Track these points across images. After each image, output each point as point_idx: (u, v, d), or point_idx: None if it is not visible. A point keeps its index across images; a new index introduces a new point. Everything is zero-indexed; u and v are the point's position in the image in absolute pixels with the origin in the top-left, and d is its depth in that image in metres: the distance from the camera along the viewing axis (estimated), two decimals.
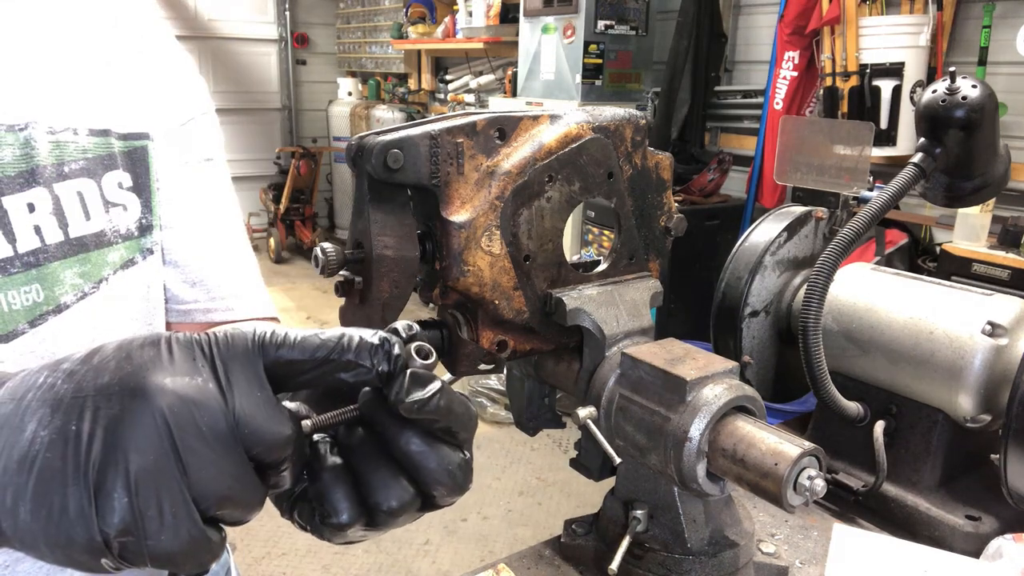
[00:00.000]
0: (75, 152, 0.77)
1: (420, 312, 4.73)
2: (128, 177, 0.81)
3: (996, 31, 3.37)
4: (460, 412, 0.51)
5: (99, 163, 0.79)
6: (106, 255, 0.79)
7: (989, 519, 1.11)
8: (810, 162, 3.54)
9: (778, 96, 4.05)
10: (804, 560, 1.06)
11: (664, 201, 1.03)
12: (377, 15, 7.79)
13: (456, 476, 0.51)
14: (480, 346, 0.92)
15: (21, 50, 0.75)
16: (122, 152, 0.81)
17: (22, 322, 0.73)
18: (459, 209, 0.86)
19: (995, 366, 1.10)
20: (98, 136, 0.79)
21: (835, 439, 1.26)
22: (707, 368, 0.86)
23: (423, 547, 3.29)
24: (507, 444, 4.14)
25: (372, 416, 0.51)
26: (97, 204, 0.78)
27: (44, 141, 0.74)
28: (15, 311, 0.72)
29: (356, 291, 0.86)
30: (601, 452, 0.90)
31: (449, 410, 0.50)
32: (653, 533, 0.92)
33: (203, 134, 0.92)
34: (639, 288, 1.01)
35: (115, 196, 0.80)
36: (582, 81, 4.52)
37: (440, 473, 0.51)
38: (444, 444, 0.51)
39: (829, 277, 1.10)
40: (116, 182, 0.80)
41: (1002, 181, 1.21)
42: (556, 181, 0.91)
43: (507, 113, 0.89)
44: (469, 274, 0.87)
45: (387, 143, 0.80)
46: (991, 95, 1.12)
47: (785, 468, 0.76)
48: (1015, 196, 3.35)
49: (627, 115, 0.97)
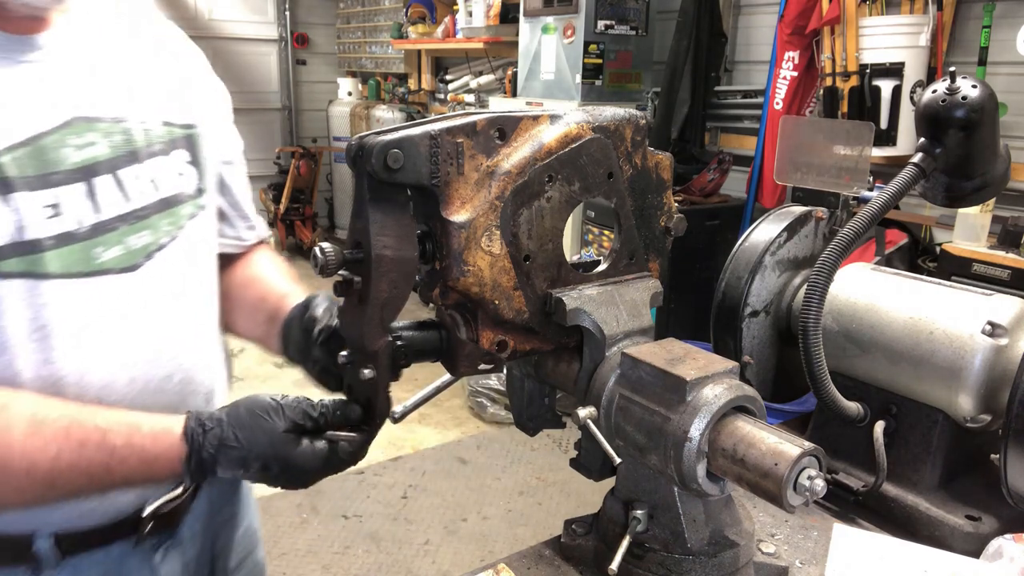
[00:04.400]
0: (155, 137, 1.06)
1: (420, 312, 4.73)
2: (187, 155, 1.11)
3: (996, 31, 3.36)
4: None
5: (170, 145, 1.08)
6: (181, 210, 1.09)
7: (989, 519, 1.11)
8: (810, 162, 3.54)
9: (778, 96, 4.05)
10: (804, 560, 1.06)
11: (664, 201, 1.03)
12: (377, 15, 7.78)
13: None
14: (479, 346, 0.92)
15: (116, 67, 1.04)
16: (181, 137, 1.10)
17: (140, 257, 1.02)
18: (459, 209, 0.86)
19: (995, 366, 1.10)
20: (167, 126, 1.08)
21: (835, 439, 1.26)
22: (707, 368, 0.86)
23: (423, 547, 3.29)
24: (507, 444, 4.14)
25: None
26: (172, 173, 1.08)
27: (138, 130, 1.03)
28: (135, 250, 1.01)
29: (355, 291, 0.86)
30: (601, 452, 0.90)
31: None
32: (653, 533, 0.92)
33: (229, 140, 1.24)
34: (639, 288, 1.01)
35: (182, 168, 1.10)
36: (582, 81, 4.52)
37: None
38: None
39: (829, 277, 1.10)
40: (180, 158, 1.10)
41: (1002, 181, 1.21)
42: (556, 181, 0.91)
43: (507, 113, 0.89)
44: (469, 274, 0.87)
45: (387, 143, 0.80)
46: (991, 95, 1.12)
47: (785, 468, 0.76)
48: (1015, 196, 3.35)
49: (627, 115, 0.97)
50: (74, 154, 0.95)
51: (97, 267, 0.96)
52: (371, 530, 3.39)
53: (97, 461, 0.88)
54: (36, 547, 0.98)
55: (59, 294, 0.93)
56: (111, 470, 0.89)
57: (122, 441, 0.89)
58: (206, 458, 0.90)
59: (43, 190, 0.92)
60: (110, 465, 0.89)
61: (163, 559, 1.12)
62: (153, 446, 0.90)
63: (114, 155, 1.00)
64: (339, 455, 0.93)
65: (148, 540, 1.09)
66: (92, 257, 0.96)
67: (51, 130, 0.94)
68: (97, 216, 0.97)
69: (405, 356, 0.92)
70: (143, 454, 0.90)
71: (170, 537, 1.13)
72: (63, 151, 0.94)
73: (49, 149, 0.93)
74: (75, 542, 1.01)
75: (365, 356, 0.89)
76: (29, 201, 0.91)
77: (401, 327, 0.92)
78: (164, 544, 1.12)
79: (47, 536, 0.98)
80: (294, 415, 0.92)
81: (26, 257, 0.90)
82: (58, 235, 0.93)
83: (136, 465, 0.90)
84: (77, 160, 0.95)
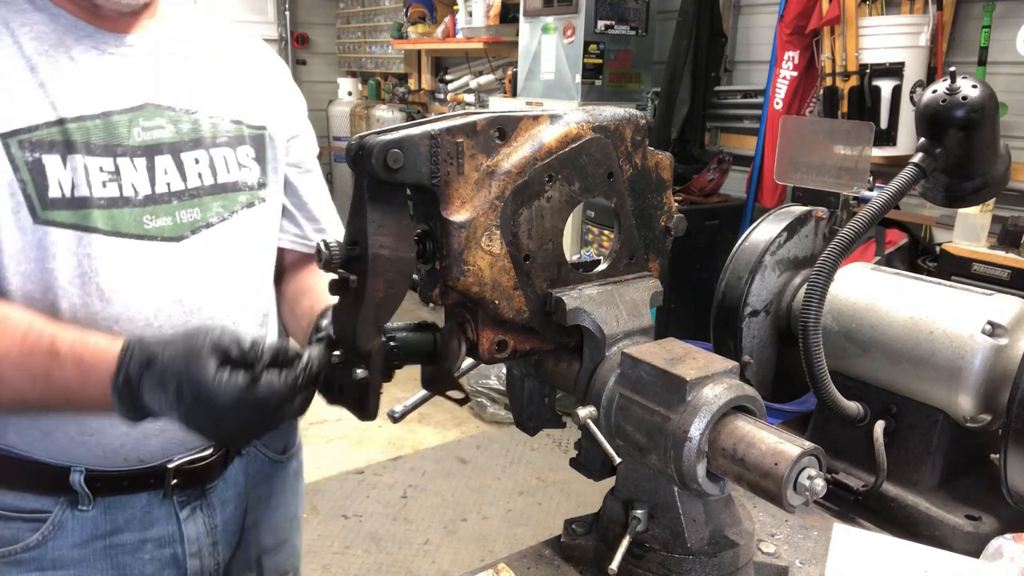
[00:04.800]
0: (222, 131, 1.19)
1: (420, 312, 4.73)
2: (253, 151, 1.23)
3: (996, 31, 3.36)
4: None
5: (236, 140, 1.21)
6: (237, 197, 1.20)
7: (989, 519, 1.11)
8: (810, 162, 3.54)
9: (778, 96, 4.05)
10: (804, 560, 1.06)
11: (664, 201, 1.03)
12: (377, 15, 7.78)
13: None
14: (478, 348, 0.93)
15: (196, 69, 1.18)
16: (250, 135, 1.23)
17: (187, 231, 1.13)
18: (459, 209, 0.86)
19: (995, 366, 1.10)
20: (236, 124, 1.21)
21: (835, 439, 1.26)
22: (707, 368, 0.86)
23: (423, 547, 3.29)
24: (507, 444, 4.14)
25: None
26: (234, 164, 1.20)
27: (206, 122, 1.17)
28: (184, 223, 1.13)
29: (351, 290, 0.86)
30: (601, 452, 0.90)
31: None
32: (653, 533, 0.92)
33: (302, 148, 1.34)
34: (639, 288, 1.01)
35: (245, 161, 1.22)
36: (582, 81, 4.52)
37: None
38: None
39: (829, 277, 1.10)
40: (245, 153, 1.22)
41: (1002, 181, 1.21)
42: (556, 181, 0.91)
43: (507, 113, 0.89)
44: (469, 274, 0.87)
45: (387, 143, 0.80)
46: (991, 95, 1.12)
47: (785, 468, 0.76)
48: (1015, 196, 3.35)
49: (627, 115, 0.97)
50: (141, 133, 1.10)
51: (144, 231, 1.09)
52: (371, 530, 3.39)
53: (40, 364, 0.94)
54: (72, 479, 1.11)
55: (104, 248, 1.05)
56: (50, 376, 0.94)
57: (66, 348, 0.94)
58: (131, 375, 0.89)
59: (106, 157, 1.06)
60: (50, 371, 0.94)
61: (189, 516, 1.22)
62: (91, 357, 0.92)
63: (178, 139, 1.13)
64: (260, 393, 0.85)
65: (175, 495, 1.19)
66: (141, 222, 1.09)
67: (123, 110, 1.09)
68: (152, 188, 1.10)
69: (398, 357, 0.92)
70: (80, 364, 0.93)
71: (198, 498, 1.23)
72: (132, 129, 1.09)
73: (118, 125, 1.08)
74: (105, 483, 1.13)
75: (358, 356, 0.88)
76: (89, 165, 1.04)
77: (395, 328, 0.92)
78: (192, 503, 1.22)
79: (80, 470, 1.11)
80: (223, 343, 0.88)
81: (77, 212, 1.04)
82: (112, 198, 1.06)
83: (72, 375, 0.93)
84: (144, 139, 1.10)
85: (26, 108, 1.02)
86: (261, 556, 1.37)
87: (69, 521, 1.13)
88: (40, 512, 1.12)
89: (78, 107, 1.05)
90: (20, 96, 1.02)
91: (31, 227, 1.01)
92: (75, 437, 1.10)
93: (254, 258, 1.24)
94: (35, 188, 1.01)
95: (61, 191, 1.02)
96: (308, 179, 1.36)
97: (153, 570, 1.21)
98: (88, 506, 1.13)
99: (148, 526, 1.18)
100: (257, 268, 1.25)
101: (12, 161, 1.00)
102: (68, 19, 1.07)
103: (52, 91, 1.03)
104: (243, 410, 0.85)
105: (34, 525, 1.12)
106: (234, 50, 1.27)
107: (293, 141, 1.32)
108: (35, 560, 1.13)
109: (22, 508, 1.12)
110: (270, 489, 1.37)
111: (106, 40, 1.09)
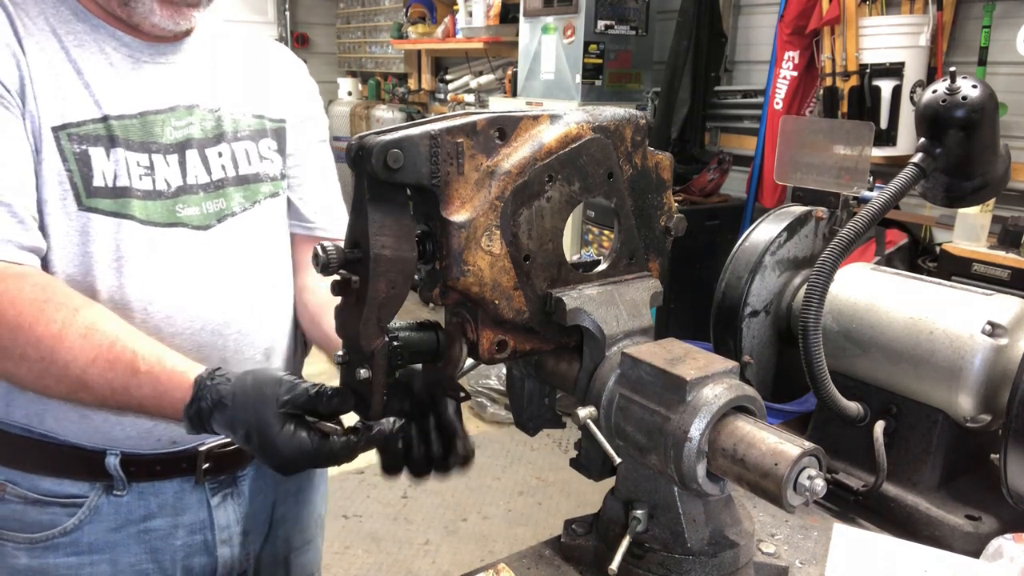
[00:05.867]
0: (244, 126, 1.27)
1: (420, 312, 4.73)
2: (275, 144, 1.31)
3: (996, 31, 3.36)
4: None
5: (258, 133, 1.29)
6: (259, 188, 1.28)
7: (989, 519, 1.11)
8: (810, 162, 3.54)
9: (778, 96, 4.04)
10: (804, 560, 1.06)
11: (664, 201, 1.03)
12: (377, 15, 7.78)
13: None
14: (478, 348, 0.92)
15: (223, 72, 1.27)
16: (271, 128, 1.31)
17: (213, 220, 1.21)
18: (459, 209, 0.86)
19: (995, 366, 1.10)
20: (257, 118, 1.30)
21: (835, 439, 1.26)
22: (707, 368, 0.86)
23: (423, 547, 3.29)
24: (507, 444, 4.14)
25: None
26: (255, 157, 1.28)
27: (228, 118, 1.25)
28: (209, 213, 1.20)
29: (353, 290, 0.86)
30: (601, 452, 0.90)
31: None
32: (653, 533, 0.92)
33: (316, 125, 1.41)
34: (639, 288, 1.01)
35: (267, 154, 1.30)
36: (582, 81, 4.52)
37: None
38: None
39: (829, 277, 1.10)
40: (267, 146, 1.30)
41: (1002, 181, 1.21)
42: (556, 181, 0.91)
43: (507, 113, 0.89)
44: (469, 274, 0.87)
45: (387, 143, 0.80)
46: (991, 95, 1.12)
47: (785, 468, 0.76)
48: (1015, 196, 3.35)
49: (627, 115, 0.97)
50: (174, 132, 1.18)
51: (175, 220, 1.17)
52: (371, 530, 3.39)
53: (121, 378, 0.99)
54: (107, 463, 1.16)
55: (139, 235, 1.13)
56: (129, 390, 0.99)
57: (145, 368, 0.99)
58: (203, 409, 0.95)
59: (142, 153, 1.15)
60: (130, 386, 0.99)
61: (220, 504, 1.27)
62: (167, 381, 0.98)
63: (204, 136, 1.22)
64: (321, 449, 0.92)
65: (207, 481, 1.24)
66: (173, 212, 1.17)
67: (158, 111, 1.18)
68: (182, 181, 1.18)
69: (401, 357, 0.92)
70: (157, 386, 0.98)
71: (229, 486, 1.28)
72: (165, 128, 1.18)
73: (154, 124, 1.17)
74: (139, 468, 1.18)
75: (361, 356, 0.88)
76: (128, 158, 1.13)
77: (398, 328, 0.92)
78: (223, 490, 1.27)
79: (116, 453, 1.16)
80: (292, 397, 0.92)
81: (117, 200, 1.12)
82: (148, 190, 1.15)
83: (149, 393, 0.99)
84: (176, 137, 1.19)
85: (75, 105, 1.10)
86: (289, 555, 1.41)
87: (104, 506, 1.18)
88: (77, 497, 1.17)
89: (119, 107, 1.14)
90: (70, 94, 1.10)
91: (76, 213, 1.09)
92: (110, 417, 1.14)
93: (280, 247, 1.32)
94: (81, 177, 1.09)
95: (104, 180, 1.11)
96: (308, 171, 1.41)
97: (184, 555, 1.25)
98: (123, 491, 1.18)
99: (180, 512, 1.23)
100: (282, 257, 1.32)
101: (61, 152, 1.08)
102: (107, 29, 1.16)
103: (96, 91, 1.12)
104: (304, 462, 0.92)
105: (71, 510, 1.17)
106: (257, 54, 1.36)
107: (308, 120, 1.39)
108: (71, 544, 1.17)
109: (59, 493, 1.16)
110: (299, 484, 1.41)
111: (145, 50, 1.19)
